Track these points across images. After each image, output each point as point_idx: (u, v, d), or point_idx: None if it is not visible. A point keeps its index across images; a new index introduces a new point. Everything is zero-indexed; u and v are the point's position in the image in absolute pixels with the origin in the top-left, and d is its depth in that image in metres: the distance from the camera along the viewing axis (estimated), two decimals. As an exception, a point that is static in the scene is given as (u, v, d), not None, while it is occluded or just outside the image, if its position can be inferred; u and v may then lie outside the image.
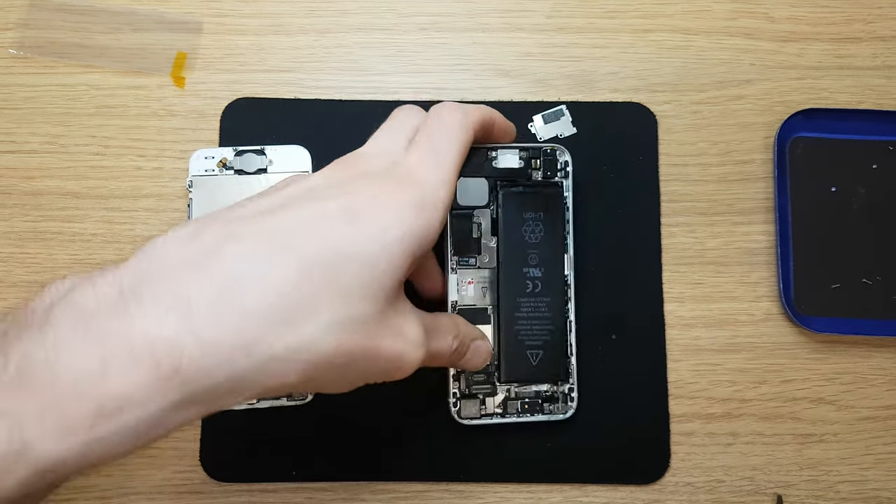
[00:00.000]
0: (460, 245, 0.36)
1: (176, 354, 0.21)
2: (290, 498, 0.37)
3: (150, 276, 0.22)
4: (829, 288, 0.39)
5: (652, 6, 0.42)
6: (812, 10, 0.42)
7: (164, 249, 0.23)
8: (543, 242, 0.37)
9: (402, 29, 0.42)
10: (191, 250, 0.23)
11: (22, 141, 0.41)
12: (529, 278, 0.36)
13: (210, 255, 0.23)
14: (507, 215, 0.36)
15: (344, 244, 0.25)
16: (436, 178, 0.28)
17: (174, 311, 0.21)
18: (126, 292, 0.22)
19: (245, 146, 0.39)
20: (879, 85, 0.41)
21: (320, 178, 0.28)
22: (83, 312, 0.21)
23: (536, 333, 0.36)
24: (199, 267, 0.23)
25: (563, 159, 0.37)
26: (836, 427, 0.38)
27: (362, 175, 0.28)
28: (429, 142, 0.30)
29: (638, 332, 0.39)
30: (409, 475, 0.37)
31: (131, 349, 0.21)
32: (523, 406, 0.36)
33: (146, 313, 0.21)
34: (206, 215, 0.26)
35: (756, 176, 0.41)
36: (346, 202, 0.26)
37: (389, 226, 0.26)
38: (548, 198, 0.37)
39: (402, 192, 0.27)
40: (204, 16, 0.42)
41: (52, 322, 0.21)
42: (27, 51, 0.41)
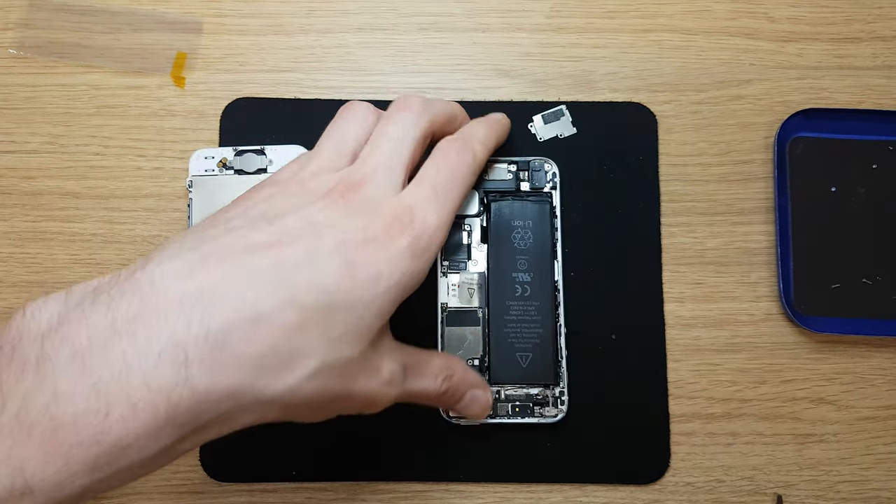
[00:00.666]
0: (451, 251, 0.38)
1: (172, 402, 0.22)
2: (290, 498, 0.37)
3: (144, 312, 0.22)
4: (829, 288, 0.39)
5: (652, 6, 0.42)
6: (812, 10, 0.42)
7: (162, 284, 0.23)
8: (532, 249, 0.37)
9: (402, 29, 0.42)
10: (188, 288, 0.23)
11: (22, 141, 0.41)
12: (518, 282, 0.37)
13: (206, 297, 0.23)
14: (496, 223, 0.38)
15: (338, 293, 0.25)
16: (436, 222, 0.28)
17: (169, 358, 0.22)
18: (120, 330, 0.22)
19: (245, 146, 0.39)
20: (879, 85, 0.41)
21: (322, 210, 0.27)
22: (78, 350, 0.21)
23: (526, 336, 0.37)
24: (196, 309, 0.22)
25: (551, 171, 0.38)
26: (836, 427, 0.38)
27: (364, 207, 0.27)
28: (436, 178, 0.30)
29: (638, 332, 0.39)
30: (409, 475, 0.37)
31: (129, 397, 0.21)
32: (513, 409, 0.36)
33: (142, 356, 0.21)
34: (202, 234, 0.26)
35: (756, 176, 0.41)
36: (344, 249, 0.26)
37: (383, 273, 0.26)
38: (536, 207, 0.38)
39: (401, 236, 0.27)
40: (204, 16, 0.42)
41: (47, 359, 0.21)
42: (27, 51, 0.41)
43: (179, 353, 0.22)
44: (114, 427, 0.21)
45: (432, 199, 0.29)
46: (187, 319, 0.22)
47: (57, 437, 0.20)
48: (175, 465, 0.37)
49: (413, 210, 0.28)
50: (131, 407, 0.21)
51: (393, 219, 0.27)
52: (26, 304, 0.23)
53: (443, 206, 0.29)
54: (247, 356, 0.23)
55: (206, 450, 0.37)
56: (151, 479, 0.37)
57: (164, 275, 0.23)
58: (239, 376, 0.23)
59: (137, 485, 0.37)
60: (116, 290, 0.23)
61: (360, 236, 0.26)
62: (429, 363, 0.31)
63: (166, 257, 0.24)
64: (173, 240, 0.26)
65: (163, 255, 0.24)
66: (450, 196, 0.30)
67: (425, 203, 0.28)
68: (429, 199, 0.29)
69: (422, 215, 0.28)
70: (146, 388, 0.21)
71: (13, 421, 0.20)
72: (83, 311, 0.22)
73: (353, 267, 0.26)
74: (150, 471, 0.23)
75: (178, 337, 0.22)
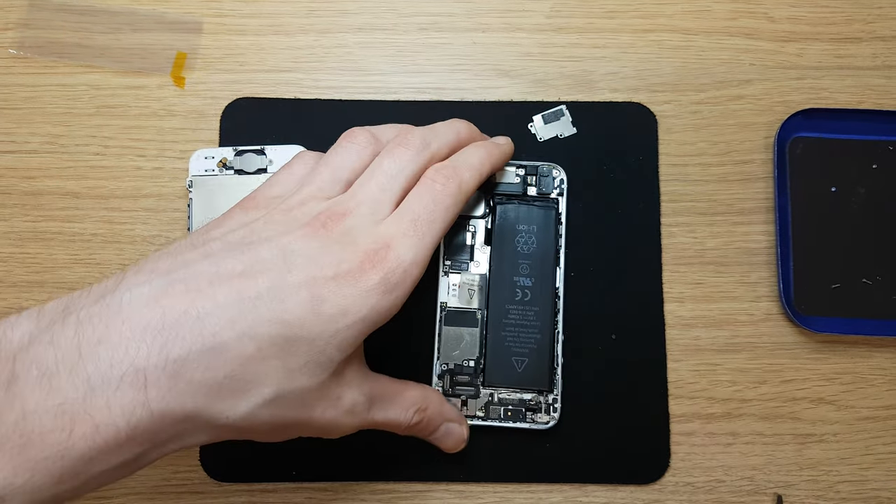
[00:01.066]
0: (453, 251, 0.38)
1: (132, 424, 0.23)
2: (290, 498, 0.37)
3: (109, 337, 0.23)
4: (829, 288, 0.39)
5: (652, 6, 0.42)
6: (812, 10, 0.42)
7: (129, 310, 0.24)
8: (535, 254, 0.37)
9: (402, 29, 0.42)
10: (153, 316, 0.24)
11: (22, 141, 0.41)
12: (519, 287, 0.37)
13: (168, 327, 0.24)
14: (501, 226, 0.37)
15: (301, 327, 0.26)
16: (411, 257, 0.28)
17: (130, 383, 0.23)
18: (85, 354, 0.23)
19: (245, 146, 0.39)
20: (879, 85, 0.41)
21: (299, 239, 0.27)
22: (45, 372, 0.23)
23: (523, 341, 0.37)
24: (157, 338, 0.24)
25: (559, 177, 0.38)
26: (836, 427, 0.38)
27: (342, 239, 0.28)
28: (417, 210, 0.29)
29: (638, 332, 0.39)
30: (409, 475, 0.37)
31: (92, 417, 0.22)
32: (506, 413, 0.36)
33: (105, 380, 0.23)
34: (179, 258, 0.26)
35: (756, 176, 0.41)
36: (312, 284, 0.26)
37: (349, 309, 0.27)
38: (542, 213, 0.38)
39: (373, 272, 0.27)
40: (204, 16, 0.42)
41: (17, 379, 0.23)
42: (27, 51, 0.41)
43: (140, 378, 0.23)
44: (77, 444, 0.22)
45: (410, 234, 0.29)
46: (148, 348, 0.23)
47: (25, 452, 0.22)
48: (175, 465, 0.37)
49: (389, 245, 0.28)
50: (94, 427, 0.22)
51: (367, 253, 0.27)
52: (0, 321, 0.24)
53: (421, 240, 0.29)
54: (202, 383, 0.24)
55: (206, 450, 0.37)
56: (151, 479, 0.37)
57: (131, 301, 0.24)
58: (195, 402, 0.24)
59: (137, 485, 0.37)
60: (85, 314, 0.24)
61: (332, 271, 0.27)
62: (402, 395, 0.32)
63: (137, 283, 0.25)
64: (151, 259, 0.27)
65: (135, 280, 0.25)
66: (430, 229, 0.29)
67: (402, 238, 0.28)
68: (406, 234, 0.29)
69: (397, 251, 0.28)
70: (108, 409, 0.23)
71: None
72: (52, 334, 0.23)
73: (319, 302, 0.26)
74: (117, 479, 0.24)
75: (139, 363, 0.23)
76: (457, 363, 0.37)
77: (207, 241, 0.27)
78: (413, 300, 0.35)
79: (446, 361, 0.37)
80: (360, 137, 0.32)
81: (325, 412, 0.28)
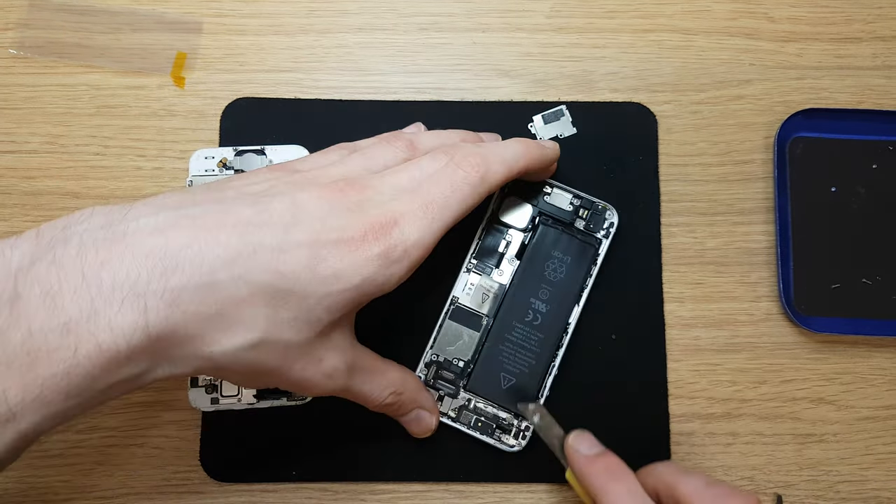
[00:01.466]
0: (483, 253, 0.38)
1: (131, 344, 0.24)
2: (290, 498, 0.37)
3: (112, 260, 0.24)
4: (829, 288, 0.39)
5: (652, 6, 0.42)
6: (812, 10, 0.42)
7: (134, 237, 0.25)
8: (560, 284, 0.37)
9: (402, 29, 0.42)
10: (157, 243, 0.25)
11: (22, 141, 0.41)
12: (533, 309, 0.37)
13: (170, 256, 0.25)
14: (537, 246, 0.38)
15: (295, 281, 0.27)
16: (416, 237, 0.29)
17: (130, 306, 0.24)
18: (88, 275, 0.24)
19: (245, 146, 0.39)
20: (879, 85, 0.41)
21: (314, 198, 0.28)
22: (49, 291, 0.23)
23: (518, 361, 0.37)
24: (158, 266, 0.24)
25: (609, 220, 0.38)
26: (836, 427, 0.38)
27: (355, 207, 0.28)
28: (433, 194, 0.30)
29: (638, 332, 0.39)
30: (409, 475, 0.37)
31: (94, 337, 0.23)
32: (476, 422, 0.36)
33: (107, 302, 0.24)
34: (191, 197, 0.27)
35: (756, 176, 0.41)
36: (315, 243, 0.27)
37: (343, 274, 0.27)
38: (581, 247, 0.38)
39: (375, 243, 0.28)
40: (204, 16, 0.42)
41: (19, 298, 0.23)
42: (27, 51, 0.41)
43: (140, 303, 0.24)
44: (82, 361, 0.23)
45: (419, 215, 0.29)
46: (148, 274, 0.24)
47: (33, 370, 0.23)
48: (175, 465, 0.37)
49: (396, 221, 0.29)
50: (97, 346, 0.23)
51: (373, 224, 0.28)
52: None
53: (430, 224, 0.29)
54: (195, 314, 0.25)
55: (206, 450, 0.37)
56: (151, 479, 0.37)
57: (137, 230, 0.25)
58: (186, 330, 0.25)
59: (137, 485, 0.37)
60: (89, 237, 0.25)
61: (335, 235, 0.27)
62: (382, 373, 0.32)
63: (144, 213, 0.26)
64: (163, 195, 0.28)
65: (143, 210, 0.26)
66: (441, 214, 0.30)
67: (411, 217, 0.29)
68: (415, 214, 0.29)
69: (403, 229, 0.29)
70: (110, 331, 0.23)
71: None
72: (54, 253, 0.24)
73: (317, 261, 0.27)
74: (115, 397, 0.26)
75: (139, 289, 0.24)
76: (447, 358, 0.37)
77: (224, 189, 0.28)
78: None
79: (438, 353, 0.37)
80: (400, 143, 0.32)
81: (305, 370, 0.29)
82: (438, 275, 0.31)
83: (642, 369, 0.38)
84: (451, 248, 0.36)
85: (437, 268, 0.35)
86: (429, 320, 0.37)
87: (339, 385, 0.31)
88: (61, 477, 0.37)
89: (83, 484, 0.37)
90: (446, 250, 0.32)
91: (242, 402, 0.36)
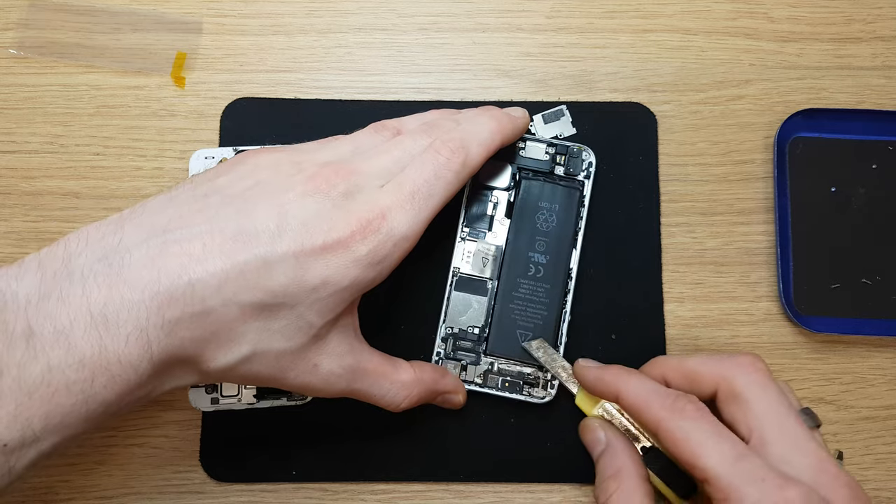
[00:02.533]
0: (473, 219, 0.38)
1: (139, 372, 0.26)
2: (290, 498, 0.37)
3: (113, 300, 0.25)
4: (829, 288, 0.39)
5: (652, 6, 0.42)
6: (812, 10, 0.42)
7: (129, 273, 0.26)
8: (554, 233, 0.38)
9: (402, 29, 0.42)
10: (150, 277, 0.26)
11: (22, 141, 0.41)
12: (533, 262, 0.37)
13: (163, 292, 0.26)
14: (523, 201, 0.38)
15: (284, 295, 0.27)
16: (405, 230, 0.29)
17: (135, 340, 0.25)
18: (95, 315, 0.25)
19: (245, 146, 0.39)
20: (879, 85, 0.41)
21: (298, 198, 0.28)
22: (62, 330, 0.25)
23: (530, 316, 0.37)
24: (154, 300, 0.26)
25: (587, 160, 0.38)
26: (835, 427, 0.38)
27: (341, 200, 0.29)
28: (418, 181, 0.30)
29: (638, 333, 0.39)
30: (409, 475, 0.37)
31: (107, 370, 0.25)
32: (503, 383, 0.37)
33: (114, 340, 0.25)
34: (176, 212, 0.28)
35: (756, 176, 0.41)
36: (300, 253, 0.27)
37: (331, 280, 0.28)
38: (566, 193, 0.38)
39: (362, 243, 0.28)
40: (204, 16, 0.42)
41: (34, 334, 0.25)
42: (27, 51, 0.41)
43: (143, 337, 0.26)
44: (99, 391, 0.25)
45: (406, 207, 0.29)
46: (147, 310, 0.26)
47: (54, 400, 0.25)
48: (175, 465, 0.37)
49: (384, 215, 0.29)
50: (111, 377, 0.25)
51: (360, 222, 0.28)
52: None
53: (417, 214, 0.29)
54: (192, 339, 0.27)
55: (206, 450, 0.37)
56: (151, 479, 0.37)
57: (131, 263, 0.26)
58: (186, 353, 0.27)
59: (137, 485, 0.37)
60: (89, 271, 0.26)
61: (321, 239, 0.28)
62: (391, 376, 0.32)
63: (136, 242, 0.27)
64: (150, 207, 0.28)
65: (135, 237, 0.27)
66: (427, 204, 0.30)
67: (398, 210, 0.29)
68: (402, 206, 0.29)
69: (391, 223, 0.29)
70: (119, 363, 0.25)
71: (14, 386, 0.24)
72: (60, 289, 0.26)
73: (303, 271, 0.28)
74: (128, 412, 0.28)
75: (141, 324, 0.26)
76: (462, 328, 0.37)
77: (209, 193, 0.29)
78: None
79: (451, 325, 0.37)
80: (387, 131, 0.33)
81: (299, 377, 0.29)
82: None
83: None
84: (442, 222, 0.36)
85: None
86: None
87: (341, 389, 0.31)
88: (61, 477, 0.37)
89: (83, 484, 0.37)
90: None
91: (242, 402, 0.36)
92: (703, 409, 0.29)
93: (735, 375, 0.30)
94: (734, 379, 0.30)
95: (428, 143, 0.31)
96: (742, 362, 0.31)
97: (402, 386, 0.32)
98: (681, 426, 0.29)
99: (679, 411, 0.29)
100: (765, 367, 0.31)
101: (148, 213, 0.28)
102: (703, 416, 0.29)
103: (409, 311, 0.38)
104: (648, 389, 0.31)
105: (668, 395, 0.30)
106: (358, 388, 0.31)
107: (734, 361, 0.31)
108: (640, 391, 0.31)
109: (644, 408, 0.30)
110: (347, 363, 0.30)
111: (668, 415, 0.29)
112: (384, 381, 0.32)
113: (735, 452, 0.28)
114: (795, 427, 0.29)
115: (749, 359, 0.31)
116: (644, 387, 0.31)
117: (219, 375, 0.29)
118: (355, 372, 0.31)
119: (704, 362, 0.32)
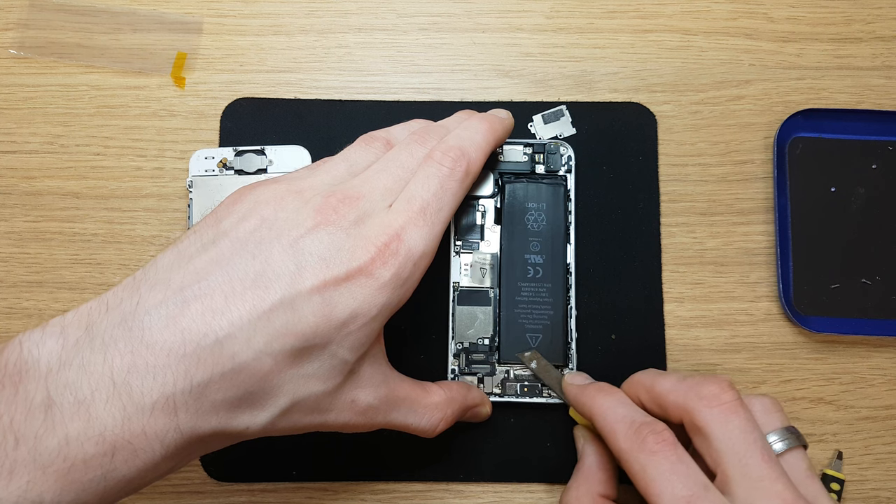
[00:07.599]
0: (464, 231, 0.38)
1: (165, 444, 0.24)
2: (290, 498, 0.37)
3: (137, 366, 0.24)
4: (828, 288, 0.39)
5: (652, 6, 0.42)
6: (812, 10, 0.42)
7: (150, 336, 0.24)
8: (546, 231, 0.38)
9: (402, 29, 0.42)
10: (174, 340, 0.25)
11: (22, 141, 0.41)
12: (531, 264, 0.37)
13: (191, 354, 0.25)
14: (510, 205, 0.38)
15: (314, 336, 0.26)
16: (423, 248, 0.28)
17: (161, 409, 0.24)
18: (118, 383, 0.24)
19: (245, 146, 0.39)
20: (879, 85, 0.41)
21: (310, 232, 0.27)
22: (83, 400, 0.24)
23: (536, 317, 0.37)
24: (181, 364, 0.24)
25: (566, 154, 0.39)
26: (835, 427, 0.38)
27: (353, 226, 0.28)
28: (426, 196, 0.29)
29: (638, 332, 0.39)
30: (409, 475, 0.37)
31: (130, 443, 0.24)
32: (522, 389, 0.37)
33: (139, 409, 0.24)
34: (188, 267, 0.26)
35: (756, 176, 0.41)
36: (324, 288, 0.26)
37: (360, 311, 0.27)
38: (551, 190, 0.38)
39: (385, 268, 0.27)
40: (204, 16, 0.42)
41: (53, 405, 0.23)
42: (27, 51, 0.41)
43: (170, 405, 0.24)
44: (119, 466, 0.24)
45: (420, 224, 0.28)
46: (174, 375, 0.24)
47: (70, 475, 0.23)
48: (175, 464, 0.37)
49: (399, 236, 0.28)
50: (133, 452, 0.24)
51: (379, 248, 0.27)
52: (21, 336, 0.25)
53: (431, 229, 0.29)
54: (224, 402, 0.25)
55: (206, 450, 0.37)
56: (152, 478, 0.37)
57: (151, 325, 0.25)
58: (218, 420, 0.26)
59: (138, 485, 0.37)
60: (109, 337, 0.25)
61: (343, 270, 0.27)
62: (423, 401, 0.32)
63: (154, 304, 0.25)
64: (161, 266, 0.27)
65: (152, 299, 0.25)
66: (439, 216, 0.29)
67: (413, 228, 0.28)
68: (416, 224, 0.28)
69: (408, 243, 0.28)
70: (144, 435, 0.24)
71: (29, 459, 0.23)
72: (82, 358, 0.24)
73: (331, 307, 0.26)
74: (150, 484, 0.26)
75: (167, 390, 0.24)
76: (472, 342, 0.37)
77: (217, 239, 0.27)
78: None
79: (461, 340, 0.37)
80: (377, 143, 0.32)
81: (339, 416, 0.29)
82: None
83: (642, 369, 0.38)
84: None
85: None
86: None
87: (379, 421, 0.30)
88: (61, 477, 0.37)
89: (83, 484, 0.37)
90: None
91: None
92: (664, 442, 0.28)
93: (697, 409, 0.29)
94: (696, 413, 0.29)
95: (423, 152, 0.31)
96: (706, 394, 0.29)
97: (436, 408, 0.32)
98: (637, 459, 0.28)
99: (640, 443, 0.28)
100: (730, 398, 0.29)
101: (161, 271, 0.27)
102: (663, 450, 0.28)
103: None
104: (617, 417, 0.30)
105: (633, 425, 0.29)
106: (394, 418, 0.31)
107: (698, 392, 0.29)
108: (608, 417, 0.30)
109: (610, 436, 0.30)
110: (383, 393, 0.30)
111: (629, 446, 0.28)
112: (418, 406, 0.31)
113: (687, 493, 0.26)
114: (759, 466, 0.27)
115: (715, 389, 0.29)
116: (614, 413, 0.30)
117: (256, 434, 0.27)
118: (391, 401, 0.30)
119: (672, 390, 0.30)
